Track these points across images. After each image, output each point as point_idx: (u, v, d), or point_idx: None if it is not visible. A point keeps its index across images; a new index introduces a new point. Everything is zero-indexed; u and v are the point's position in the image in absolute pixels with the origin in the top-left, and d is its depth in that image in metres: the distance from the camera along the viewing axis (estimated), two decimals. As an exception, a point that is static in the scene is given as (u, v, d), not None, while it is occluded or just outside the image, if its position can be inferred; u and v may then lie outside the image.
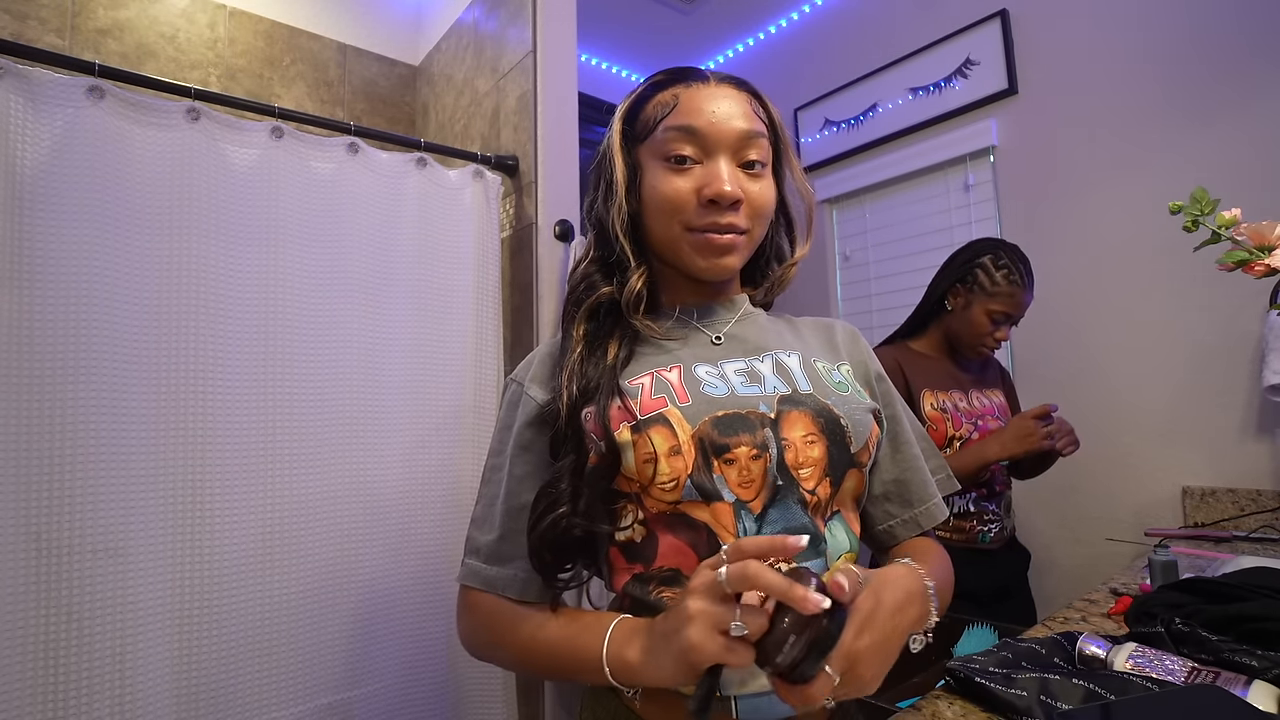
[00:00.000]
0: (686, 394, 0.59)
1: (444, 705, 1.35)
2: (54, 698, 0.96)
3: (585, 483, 0.57)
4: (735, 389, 0.60)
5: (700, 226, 0.62)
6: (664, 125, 0.62)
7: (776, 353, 0.65)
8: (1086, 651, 0.68)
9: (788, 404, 0.59)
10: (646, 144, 0.64)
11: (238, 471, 1.17)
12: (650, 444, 0.56)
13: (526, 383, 0.66)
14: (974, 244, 1.36)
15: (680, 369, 0.62)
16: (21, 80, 1.03)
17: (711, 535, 0.55)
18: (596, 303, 0.65)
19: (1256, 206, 0.80)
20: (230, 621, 1.14)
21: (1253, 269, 0.69)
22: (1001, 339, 1.29)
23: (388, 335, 1.37)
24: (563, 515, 0.56)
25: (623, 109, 0.67)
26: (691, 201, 0.61)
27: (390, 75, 2.14)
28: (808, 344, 0.70)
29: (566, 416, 0.58)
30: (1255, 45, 1.41)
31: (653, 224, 0.64)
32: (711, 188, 0.60)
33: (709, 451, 0.56)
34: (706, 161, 0.62)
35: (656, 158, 0.63)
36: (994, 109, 1.87)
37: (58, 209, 1.03)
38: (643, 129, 0.64)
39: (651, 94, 0.65)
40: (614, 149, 0.65)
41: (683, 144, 0.61)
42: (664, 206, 0.62)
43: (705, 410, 0.58)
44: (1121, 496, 1.57)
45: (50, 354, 1.00)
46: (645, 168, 0.64)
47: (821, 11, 2.34)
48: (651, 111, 0.64)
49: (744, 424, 0.57)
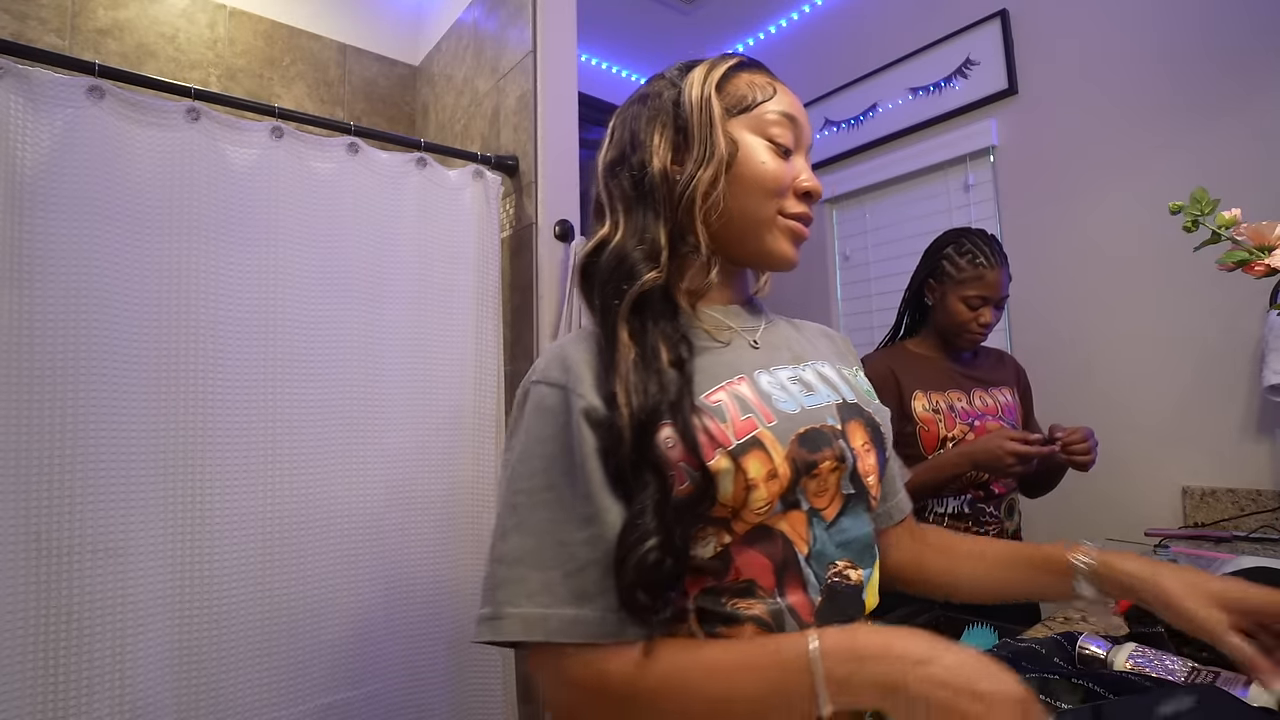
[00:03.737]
0: (769, 411, 0.55)
1: (444, 705, 1.35)
2: (54, 698, 0.96)
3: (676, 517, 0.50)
4: (802, 402, 0.58)
5: (795, 214, 0.62)
6: (769, 109, 0.61)
7: (813, 364, 0.63)
8: (1086, 651, 0.68)
9: (846, 413, 0.59)
10: (743, 118, 0.61)
11: (238, 471, 1.17)
12: (751, 469, 0.52)
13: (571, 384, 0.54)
14: (938, 238, 1.37)
15: (747, 380, 0.57)
16: (21, 80, 1.03)
17: (787, 543, 0.54)
18: (641, 292, 0.56)
19: (1256, 206, 0.80)
20: (230, 621, 1.14)
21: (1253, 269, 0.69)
22: (986, 322, 1.29)
23: (388, 335, 1.37)
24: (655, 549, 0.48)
25: (715, 79, 0.61)
26: (789, 187, 0.61)
27: (390, 75, 2.14)
28: (823, 351, 0.69)
29: (633, 439, 0.50)
30: (1256, 45, 1.41)
31: (743, 201, 0.60)
32: (810, 181, 0.61)
33: (800, 470, 0.54)
34: (795, 155, 0.62)
35: (758, 135, 0.61)
36: (994, 109, 1.86)
37: (58, 209, 1.03)
38: (739, 103, 0.61)
39: (739, 72, 0.63)
40: (716, 116, 0.59)
41: (786, 132, 0.61)
42: (767, 186, 0.60)
43: (790, 428, 0.55)
44: (1121, 496, 1.57)
45: (50, 354, 1.00)
46: (741, 142, 0.60)
47: (821, 11, 2.34)
48: (747, 90, 0.62)
49: (823, 438, 0.56)
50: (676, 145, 0.61)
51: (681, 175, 0.59)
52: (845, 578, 0.55)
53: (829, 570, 0.55)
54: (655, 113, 0.62)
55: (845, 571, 0.55)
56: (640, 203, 0.60)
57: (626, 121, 0.64)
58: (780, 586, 0.53)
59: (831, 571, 0.55)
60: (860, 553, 0.57)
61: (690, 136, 0.60)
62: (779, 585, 0.53)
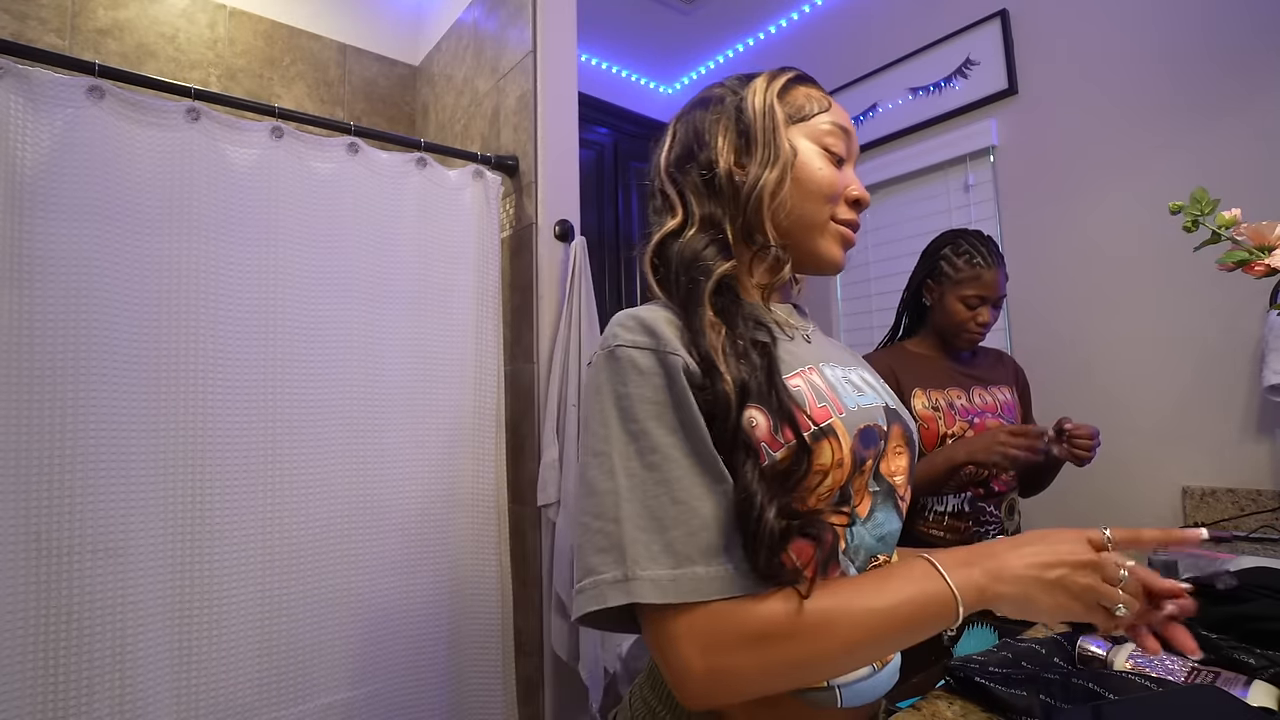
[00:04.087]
0: (840, 402, 0.57)
1: (444, 705, 1.36)
2: (54, 698, 0.96)
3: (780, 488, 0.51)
4: (859, 399, 0.60)
5: (845, 220, 0.65)
6: (824, 120, 0.65)
7: (854, 369, 0.65)
8: (1086, 651, 0.68)
9: (890, 416, 0.61)
10: (801, 126, 0.65)
11: (238, 471, 1.17)
12: (825, 454, 0.53)
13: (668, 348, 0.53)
14: (935, 239, 1.38)
15: (818, 371, 0.60)
16: (21, 80, 1.03)
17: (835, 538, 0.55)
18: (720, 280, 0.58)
19: (1256, 206, 0.80)
20: (230, 621, 1.14)
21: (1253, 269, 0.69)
22: (984, 321, 1.30)
23: (388, 335, 1.37)
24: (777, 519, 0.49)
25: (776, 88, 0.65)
26: (841, 194, 0.65)
27: (390, 75, 2.14)
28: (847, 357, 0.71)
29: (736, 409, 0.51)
30: (1256, 45, 1.41)
31: (800, 205, 0.63)
32: (859, 190, 0.65)
33: (857, 463, 0.56)
34: (845, 166, 0.66)
35: (813, 142, 0.64)
36: (994, 109, 1.86)
37: (58, 209, 1.03)
38: (797, 112, 0.65)
39: (796, 85, 0.67)
40: (779, 122, 0.63)
41: (839, 142, 0.65)
42: (823, 191, 0.63)
43: (855, 421, 0.57)
44: (1121, 496, 1.57)
45: (50, 354, 1.00)
46: (799, 149, 0.64)
47: (821, 11, 2.34)
48: (805, 101, 0.66)
49: (874, 436, 0.58)
50: (739, 148, 0.64)
51: (745, 176, 0.62)
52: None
53: (871, 564, 0.57)
54: (719, 115, 0.65)
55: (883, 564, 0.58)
56: (711, 198, 0.64)
57: (690, 123, 0.67)
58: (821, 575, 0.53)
59: (872, 564, 0.57)
60: (892, 546, 0.61)
61: (753, 140, 0.63)
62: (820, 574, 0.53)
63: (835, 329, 2.27)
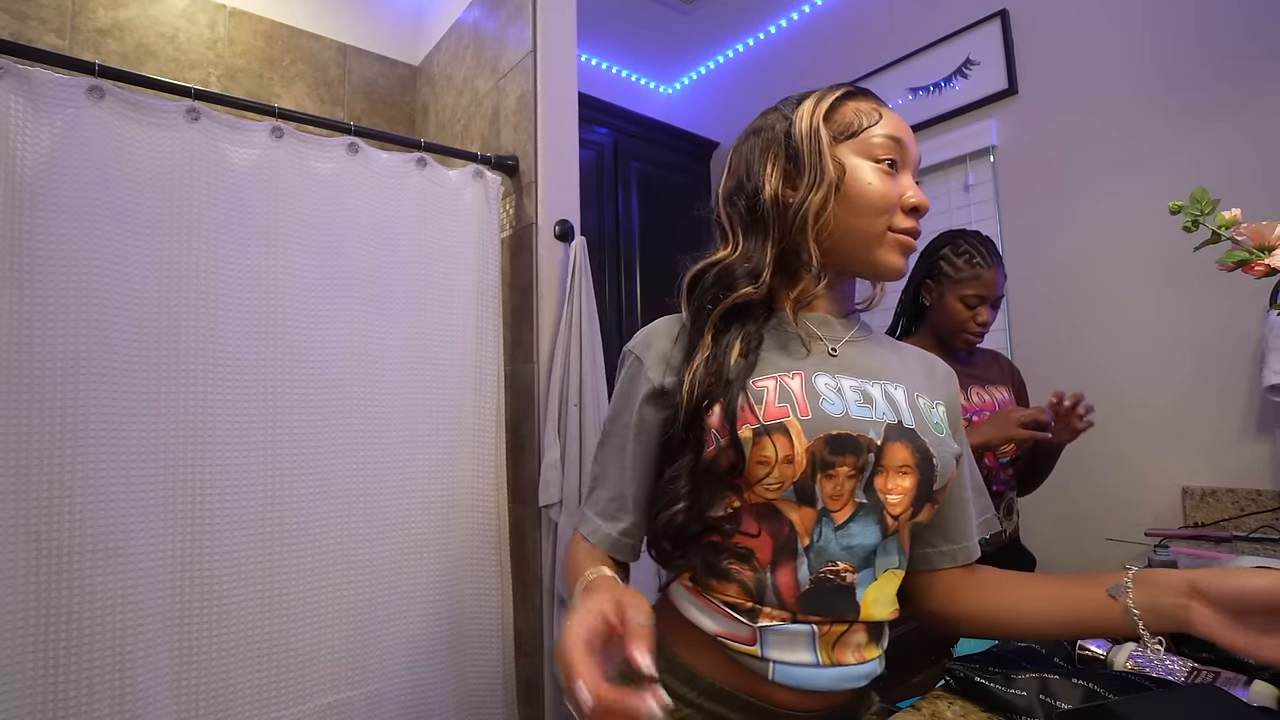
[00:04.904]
0: (808, 407, 0.61)
1: (444, 705, 1.35)
2: (54, 698, 0.96)
3: (703, 479, 0.61)
4: (850, 409, 0.62)
5: (903, 229, 0.67)
6: (875, 132, 0.66)
7: (886, 383, 0.67)
8: (1086, 651, 0.68)
9: (895, 434, 0.62)
10: (850, 143, 0.67)
11: (238, 471, 1.17)
12: (768, 449, 0.59)
13: (647, 362, 0.68)
14: (934, 239, 1.38)
15: (802, 377, 0.63)
16: (21, 80, 1.03)
17: (793, 531, 0.60)
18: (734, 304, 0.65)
19: (1256, 206, 0.80)
20: (230, 621, 1.14)
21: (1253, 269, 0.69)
22: (984, 321, 1.30)
23: (388, 335, 1.37)
24: (681, 512, 0.61)
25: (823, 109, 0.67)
26: (897, 204, 0.66)
27: (390, 75, 2.14)
28: (912, 376, 0.72)
29: (687, 419, 0.61)
30: (1256, 45, 1.41)
31: (854, 219, 0.66)
32: (916, 197, 0.66)
33: (817, 465, 0.59)
34: (900, 174, 0.67)
35: (864, 158, 0.66)
36: (994, 109, 1.86)
37: (58, 209, 1.03)
38: (845, 130, 0.67)
39: (845, 101, 0.68)
40: (824, 144, 0.65)
41: (893, 152, 0.66)
42: (877, 204, 0.65)
43: (822, 426, 0.60)
44: (1121, 496, 1.57)
45: (50, 354, 1.00)
46: (849, 165, 0.66)
47: (821, 11, 2.34)
48: (854, 117, 0.67)
49: (852, 445, 0.60)
50: (788, 172, 0.67)
51: (794, 199, 0.65)
52: (840, 576, 0.60)
53: (825, 565, 0.60)
54: (768, 144, 0.69)
55: (842, 572, 0.60)
56: (753, 227, 0.68)
57: (742, 154, 0.71)
58: (773, 564, 0.60)
59: (828, 568, 0.60)
60: (861, 560, 0.61)
61: (801, 164, 0.66)
62: (773, 562, 0.60)
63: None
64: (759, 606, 0.60)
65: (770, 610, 0.59)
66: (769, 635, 0.59)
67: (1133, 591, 0.55)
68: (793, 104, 0.69)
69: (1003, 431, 1.17)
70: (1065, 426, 1.23)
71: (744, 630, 0.60)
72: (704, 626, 0.62)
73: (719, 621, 0.61)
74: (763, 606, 0.60)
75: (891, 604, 0.64)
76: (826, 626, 0.60)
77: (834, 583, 0.60)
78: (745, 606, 0.60)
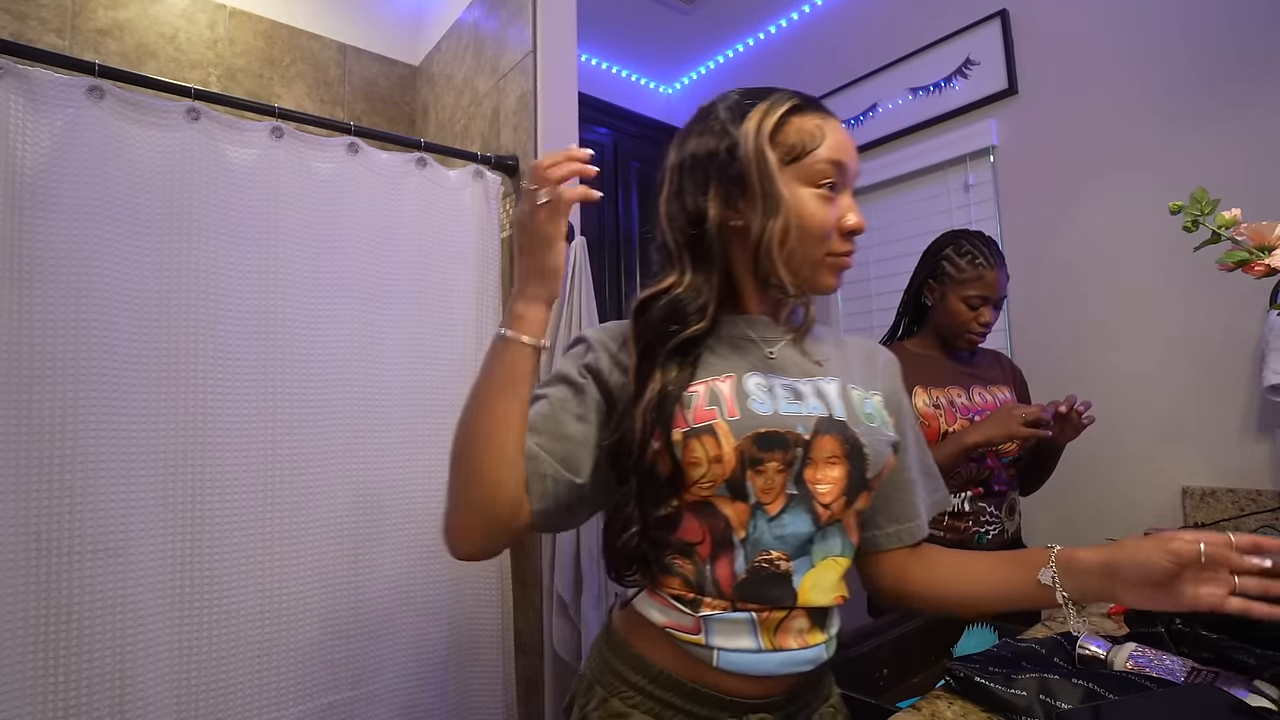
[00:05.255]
0: (736, 408, 0.63)
1: (444, 705, 1.36)
2: (54, 698, 0.96)
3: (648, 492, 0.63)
4: (779, 407, 0.64)
5: (841, 252, 0.68)
6: (820, 156, 0.66)
7: (819, 378, 0.69)
8: (1086, 651, 0.68)
9: (822, 427, 0.64)
10: (793, 168, 0.66)
11: (238, 471, 1.17)
12: (698, 450, 0.61)
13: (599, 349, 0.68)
14: (937, 240, 1.38)
15: (733, 380, 0.65)
16: (21, 80, 1.03)
17: (728, 525, 0.63)
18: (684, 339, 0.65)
19: (1256, 206, 0.79)
20: (230, 621, 1.14)
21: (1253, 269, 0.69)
22: (986, 322, 1.30)
23: (388, 335, 1.37)
24: (636, 535, 0.63)
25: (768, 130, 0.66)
26: (835, 229, 0.67)
27: (390, 75, 2.14)
28: (850, 369, 0.74)
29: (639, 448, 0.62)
30: (1255, 45, 1.41)
31: (800, 245, 0.65)
32: (854, 221, 0.67)
33: (746, 463, 0.62)
34: (839, 195, 0.67)
35: (806, 184, 0.66)
36: (994, 109, 1.86)
37: (58, 209, 1.03)
38: (790, 153, 0.66)
39: (790, 118, 0.67)
40: (773, 170, 0.64)
41: (834, 177, 0.66)
42: (817, 232, 0.66)
43: (750, 426, 0.62)
44: (1121, 496, 1.57)
45: (50, 354, 1.00)
46: (792, 194, 0.65)
47: (821, 11, 2.34)
48: (798, 139, 0.66)
49: (780, 442, 0.62)
50: (730, 194, 0.66)
51: (740, 221, 0.66)
52: (774, 565, 0.63)
53: (760, 555, 0.63)
54: (710, 163, 0.67)
55: (776, 561, 0.63)
56: (699, 255, 0.67)
57: (684, 170, 0.68)
58: (712, 557, 0.63)
59: (762, 557, 0.63)
60: (795, 549, 0.64)
61: (749, 189, 0.65)
62: (711, 555, 0.63)
63: (835, 328, 2.27)
64: (700, 597, 0.63)
65: (710, 600, 0.63)
66: (711, 624, 0.62)
67: (1060, 579, 0.62)
68: (735, 117, 0.67)
69: (1004, 429, 1.18)
70: (1068, 425, 1.23)
71: (688, 620, 0.63)
72: (653, 619, 0.65)
73: (666, 613, 0.65)
74: (703, 597, 0.63)
75: (834, 590, 0.66)
76: (765, 613, 0.62)
77: (769, 571, 0.63)
78: (688, 598, 0.63)
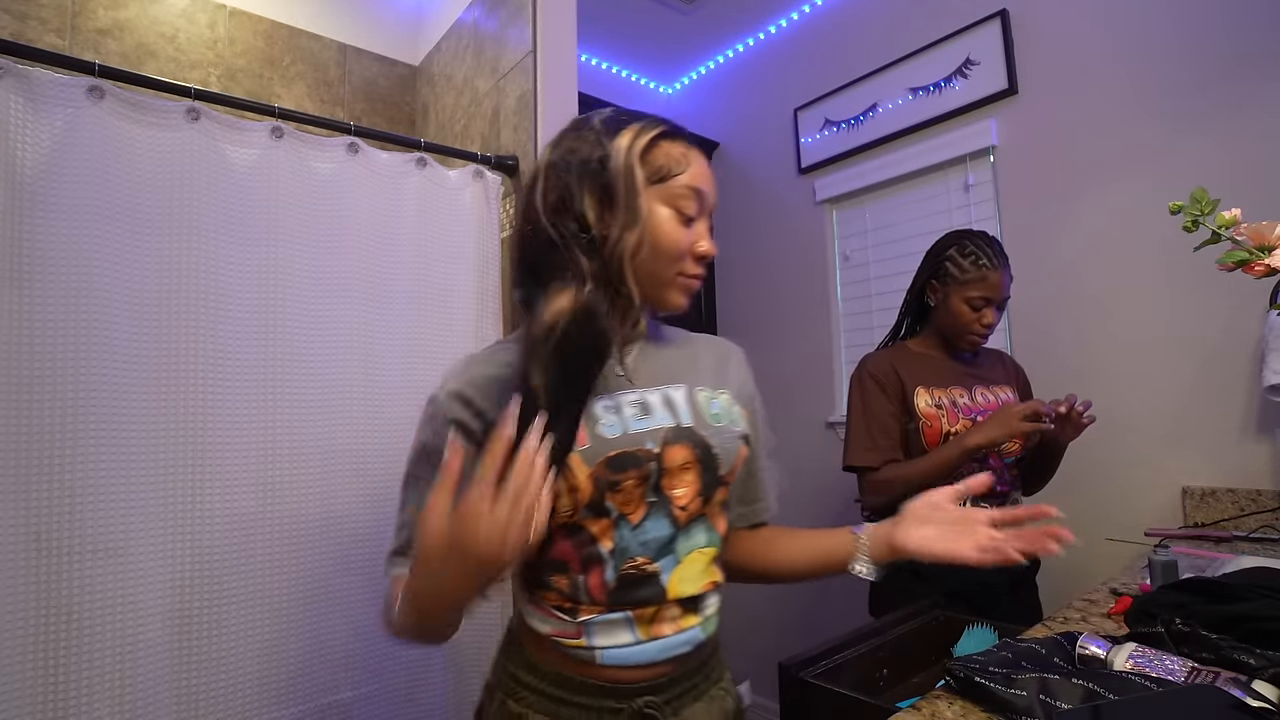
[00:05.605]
0: (586, 436, 0.65)
1: (444, 705, 1.35)
2: (54, 698, 0.96)
3: None
4: (628, 426, 0.67)
5: (692, 274, 0.72)
6: (682, 182, 0.69)
7: (666, 387, 0.72)
8: (1086, 651, 0.68)
9: (671, 437, 0.68)
10: (658, 188, 0.69)
11: (238, 471, 1.17)
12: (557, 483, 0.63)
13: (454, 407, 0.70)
14: (940, 240, 1.38)
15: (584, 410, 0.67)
16: (21, 80, 1.03)
17: (593, 540, 0.67)
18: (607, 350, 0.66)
19: (1256, 206, 0.80)
20: (230, 621, 1.14)
21: (1253, 269, 0.69)
22: (989, 323, 1.29)
23: (388, 335, 1.37)
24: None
25: (639, 148, 0.68)
26: (689, 252, 0.71)
27: (390, 75, 2.14)
28: (697, 371, 0.77)
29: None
30: (1255, 45, 1.41)
31: (649, 263, 0.68)
32: (706, 247, 0.72)
33: (603, 487, 0.65)
34: (697, 221, 0.71)
35: (668, 206, 0.69)
36: (994, 109, 1.86)
37: (58, 209, 1.03)
38: (657, 173, 0.69)
39: (660, 142, 0.69)
40: (639, 185, 0.67)
41: (693, 203, 0.70)
42: (673, 252, 0.69)
43: (601, 451, 0.65)
44: (1121, 496, 1.57)
45: (50, 354, 1.00)
46: (654, 211, 0.68)
47: (821, 11, 2.34)
48: (665, 161, 0.69)
49: (633, 461, 0.66)
50: (601, 203, 0.68)
51: (608, 233, 0.67)
52: (641, 570, 0.67)
53: (627, 564, 0.67)
54: (583, 170, 0.68)
55: (642, 566, 0.67)
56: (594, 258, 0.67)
57: (559, 172, 0.69)
58: (584, 570, 0.67)
59: (630, 565, 0.67)
60: (658, 551, 0.68)
61: (615, 200, 0.67)
62: (583, 569, 0.67)
63: (834, 328, 2.27)
64: (577, 605, 0.67)
65: (587, 606, 0.67)
66: (591, 627, 0.67)
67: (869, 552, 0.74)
68: (609, 131, 0.69)
69: (1005, 428, 1.18)
70: (1069, 424, 1.23)
71: (570, 627, 0.68)
72: (539, 630, 0.70)
73: (549, 624, 0.69)
74: (580, 605, 0.67)
75: (702, 578, 0.71)
76: (639, 610, 0.67)
77: (636, 576, 0.67)
78: (566, 607, 0.68)
